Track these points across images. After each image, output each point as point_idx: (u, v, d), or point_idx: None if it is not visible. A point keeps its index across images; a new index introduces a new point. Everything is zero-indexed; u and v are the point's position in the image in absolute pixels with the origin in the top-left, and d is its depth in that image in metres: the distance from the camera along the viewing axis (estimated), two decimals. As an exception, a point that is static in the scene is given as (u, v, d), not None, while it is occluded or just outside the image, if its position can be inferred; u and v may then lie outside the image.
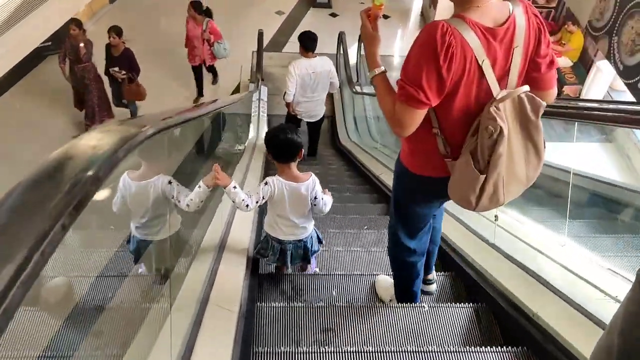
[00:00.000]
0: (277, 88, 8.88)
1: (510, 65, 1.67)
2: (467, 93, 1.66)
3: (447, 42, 1.54)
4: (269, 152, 2.56)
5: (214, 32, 7.32)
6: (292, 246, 2.68)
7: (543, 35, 1.70)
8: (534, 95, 1.68)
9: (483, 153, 1.65)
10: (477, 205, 1.74)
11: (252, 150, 6.46)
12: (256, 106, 8.02)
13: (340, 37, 8.51)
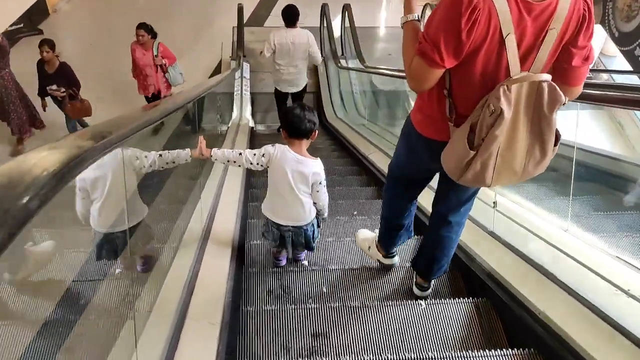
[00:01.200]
0: (259, 64, 8.59)
1: (540, 46, 1.54)
2: (485, 62, 1.55)
3: (474, 4, 1.43)
4: (284, 128, 2.48)
5: (167, 55, 6.19)
6: (291, 233, 2.59)
7: (587, 25, 1.54)
8: (556, 87, 1.53)
9: (481, 129, 1.57)
10: (461, 178, 1.67)
11: (236, 132, 6.25)
12: (238, 84, 7.76)
13: (323, 9, 8.22)
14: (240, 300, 2.36)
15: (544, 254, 2.25)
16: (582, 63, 1.59)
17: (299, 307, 2.26)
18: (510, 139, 1.59)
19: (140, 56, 6.08)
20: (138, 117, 1.67)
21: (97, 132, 1.18)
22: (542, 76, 1.53)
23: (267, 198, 2.64)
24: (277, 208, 2.58)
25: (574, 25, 1.53)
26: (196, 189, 3.00)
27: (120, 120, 1.49)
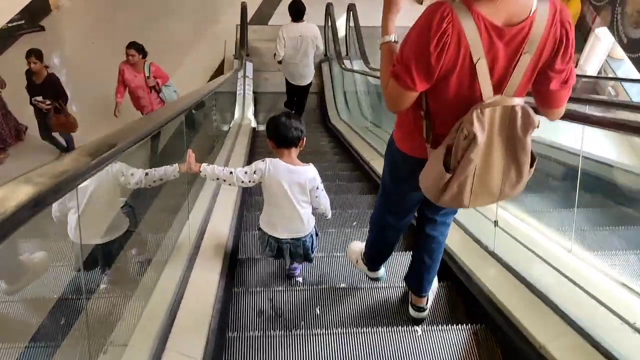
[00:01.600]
0: (263, 63, 8.52)
1: (513, 71, 1.51)
2: (458, 86, 1.54)
3: (443, 29, 1.43)
4: (271, 138, 2.43)
5: (159, 75, 5.74)
6: (289, 245, 2.55)
7: (564, 49, 1.49)
8: (530, 111, 1.54)
9: (457, 152, 1.56)
10: (439, 200, 1.67)
11: (237, 133, 6.16)
12: (241, 84, 7.67)
13: (328, 8, 8.10)
14: (226, 328, 2.27)
15: (546, 279, 2.16)
16: (561, 87, 1.57)
17: (289, 334, 2.17)
18: (486, 162, 1.59)
19: (132, 78, 5.68)
20: (121, 137, 1.58)
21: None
22: (515, 100, 1.53)
23: (264, 212, 2.58)
24: (276, 222, 2.53)
25: (550, 49, 1.49)
26: (185, 202, 2.90)
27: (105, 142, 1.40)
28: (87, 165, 1.21)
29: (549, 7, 1.45)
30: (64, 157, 1.22)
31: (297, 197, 2.42)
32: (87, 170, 1.22)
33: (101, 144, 1.44)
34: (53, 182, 1.00)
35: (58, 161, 1.16)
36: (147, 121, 2.32)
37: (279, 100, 8.15)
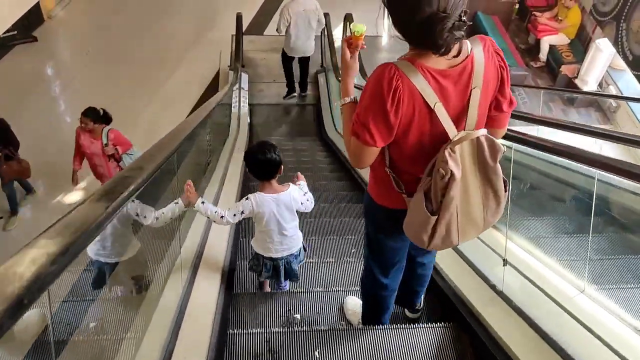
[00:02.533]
0: (258, 74, 8.40)
1: (468, 106, 1.61)
2: (419, 134, 1.63)
3: (394, 86, 1.52)
4: (250, 170, 2.63)
5: (119, 142, 5.01)
6: (284, 261, 2.72)
7: (506, 74, 1.66)
8: (493, 139, 1.63)
9: (436, 194, 1.62)
10: (430, 245, 1.71)
11: (232, 149, 6.03)
12: (236, 95, 7.53)
13: (324, 18, 7.96)
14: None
15: (558, 325, 2.03)
16: (508, 108, 1.73)
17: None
18: (465, 196, 1.66)
19: (88, 144, 5.01)
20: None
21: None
22: (478, 132, 1.62)
23: (257, 238, 2.73)
24: (269, 244, 2.67)
25: (494, 77, 1.63)
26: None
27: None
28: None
29: (481, 43, 1.61)
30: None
31: (285, 218, 2.61)
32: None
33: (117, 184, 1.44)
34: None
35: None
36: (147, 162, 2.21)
37: (275, 112, 8.05)
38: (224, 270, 2.86)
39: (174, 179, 2.68)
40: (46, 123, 7.21)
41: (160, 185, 2.64)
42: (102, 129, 4.92)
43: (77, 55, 8.36)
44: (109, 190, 1.39)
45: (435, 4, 1.43)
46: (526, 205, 3.19)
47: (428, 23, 1.45)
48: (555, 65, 8.38)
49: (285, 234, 2.65)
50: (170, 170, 2.59)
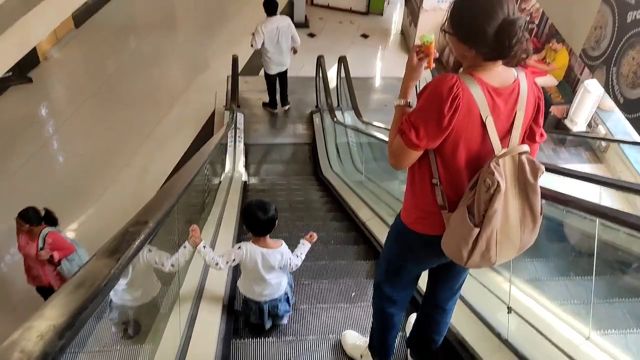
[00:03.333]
0: (253, 114, 8.46)
1: (512, 125, 1.72)
2: (469, 146, 1.71)
3: (455, 93, 1.60)
4: (246, 226, 2.74)
5: (58, 247, 4.34)
6: (268, 305, 2.88)
7: (541, 105, 1.77)
8: (534, 158, 1.72)
9: (479, 207, 1.66)
10: (469, 261, 1.73)
11: (228, 189, 6.01)
12: (232, 135, 7.57)
13: (319, 60, 8.11)
14: None
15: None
16: (540, 139, 1.83)
17: None
18: (505, 214, 1.69)
19: (23, 244, 4.44)
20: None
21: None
22: (522, 148, 1.70)
23: (242, 281, 2.93)
24: (253, 288, 2.85)
25: (532, 106, 1.75)
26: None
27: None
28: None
29: (525, 73, 1.74)
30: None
31: (268, 272, 2.77)
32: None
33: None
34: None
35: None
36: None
37: (270, 152, 8.08)
38: (222, 314, 2.84)
39: (173, 222, 2.71)
40: (38, 165, 7.18)
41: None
42: (40, 231, 4.32)
43: (71, 97, 8.39)
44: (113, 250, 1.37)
45: (505, 9, 1.57)
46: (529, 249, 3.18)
47: (503, 26, 1.56)
48: (545, 105, 8.51)
49: (267, 282, 2.80)
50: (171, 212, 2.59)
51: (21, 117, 7.81)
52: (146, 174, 7.18)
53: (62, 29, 9.10)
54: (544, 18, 9.34)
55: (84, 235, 6.17)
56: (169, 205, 2.09)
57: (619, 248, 3.03)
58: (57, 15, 5.65)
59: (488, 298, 2.55)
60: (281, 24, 7.06)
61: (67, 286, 1.14)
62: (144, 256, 2.61)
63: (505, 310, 2.37)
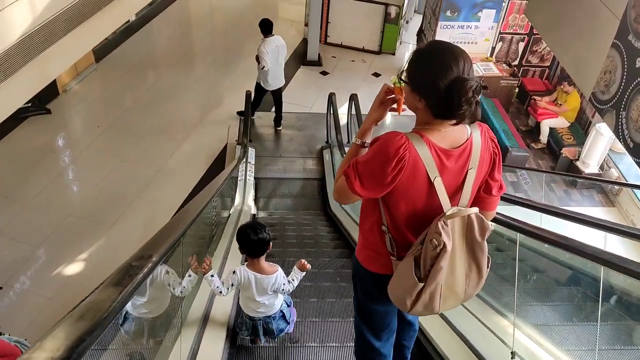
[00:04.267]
0: (265, 149, 8.56)
1: (463, 184, 1.77)
2: (416, 203, 1.77)
3: (401, 155, 1.66)
4: (241, 248, 2.90)
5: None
6: (261, 322, 3.05)
7: (498, 160, 1.83)
8: (483, 218, 1.77)
9: (425, 262, 1.72)
10: (412, 310, 1.80)
11: (236, 223, 6.04)
12: (243, 169, 7.65)
13: (330, 98, 8.24)
14: None
15: None
16: (498, 192, 1.89)
17: None
18: (451, 267, 1.76)
19: None
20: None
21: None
22: (470, 210, 1.76)
23: (240, 296, 3.12)
24: (249, 305, 3.03)
25: (487, 162, 1.80)
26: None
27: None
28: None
29: (479, 129, 1.77)
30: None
31: (261, 295, 2.94)
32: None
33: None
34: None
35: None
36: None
37: (280, 186, 8.14)
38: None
39: (179, 250, 2.88)
40: (53, 194, 7.29)
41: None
42: None
43: (88, 129, 8.56)
44: (116, 283, 1.40)
45: (461, 66, 1.61)
46: (533, 292, 3.16)
47: (454, 84, 1.59)
48: (556, 147, 8.53)
49: (260, 302, 2.98)
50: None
51: (38, 147, 7.96)
52: (157, 205, 7.25)
53: (83, 63, 9.35)
54: (555, 60, 9.45)
55: (94, 264, 6.22)
56: (172, 241, 2.12)
57: (627, 293, 3.00)
58: (78, 50, 5.82)
59: (491, 341, 2.52)
60: (278, 42, 7.70)
61: (70, 316, 1.17)
62: (161, 276, 2.77)
63: (509, 355, 2.35)
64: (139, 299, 2.83)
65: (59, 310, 5.20)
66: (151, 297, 2.85)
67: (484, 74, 9.17)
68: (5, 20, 3.87)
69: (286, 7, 12.84)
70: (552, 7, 5.78)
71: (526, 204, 3.24)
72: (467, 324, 2.79)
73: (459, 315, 2.89)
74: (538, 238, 2.30)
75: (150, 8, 11.31)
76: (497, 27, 9.38)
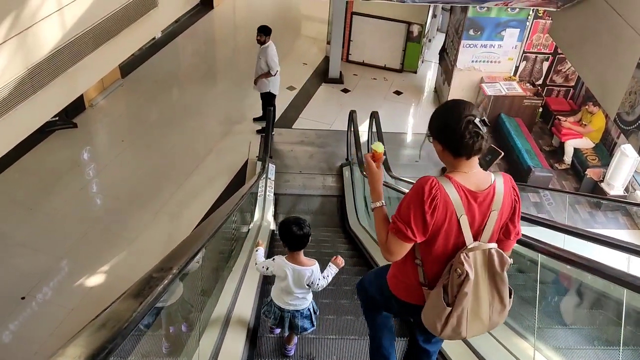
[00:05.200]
0: (285, 165, 8.62)
1: (486, 224, 2.01)
2: (446, 237, 2.01)
3: (433, 194, 1.92)
4: (282, 240, 3.08)
5: None
6: (289, 315, 3.21)
7: (518, 207, 2.07)
8: (502, 252, 2.03)
9: (452, 289, 1.99)
10: (442, 333, 2.04)
11: (255, 238, 6.05)
12: (262, 185, 7.69)
13: (351, 115, 8.27)
14: None
15: None
16: (515, 237, 2.14)
17: None
18: (475, 295, 2.01)
19: None
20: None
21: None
22: (490, 245, 2.02)
23: (275, 286, 3.27)
24: (282, 296, 3.19)
25: (509, 207, 2.05)
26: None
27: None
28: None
29: (504, 178, 2.04)
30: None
31: (296, 285, 3.09)
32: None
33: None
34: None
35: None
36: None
37: (300, 203, 8.17)
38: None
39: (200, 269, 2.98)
40: (77, 206, 7.42)
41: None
42: None
43: (113, 143, 8.72)
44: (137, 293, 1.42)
45: (462, 110, 1.93)
46: (554, 314, 3.11)
47: (457, 122, 1.91)
48: (580, 168, 8.42)
49: (294, 295, 3.13)
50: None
51: (64, 160, 8.12)
52: (178, 219, 7.32)
53: (109, 78, 9.56)
54: (580, 80, 9.36)
55: (115, 276, 6.29)
56: (192, 254, 2.15)
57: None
58: (106, 65, 5.97)
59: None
60: (274, 46, 7.99)
61: (91, 325, 1.19)
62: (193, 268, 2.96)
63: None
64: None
65: (80, 322, 5.25)
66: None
67: (507, 93, 9.14)
68: (36, 35, 4.00)
69: (308, 25, 13.00)
70: (577, 26, 5.75)
71: (548, 224, 3.19)
72: (487, 346, 2.75)
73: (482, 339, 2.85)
74: (559, 259, 2.27)
75: (175, 25, 11.56)
76: (521, 46, 9.35)
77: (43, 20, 4.09)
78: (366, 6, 10.33)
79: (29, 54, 4.06)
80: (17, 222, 6.91)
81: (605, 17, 4.96)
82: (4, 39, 3.73)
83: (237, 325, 3.58)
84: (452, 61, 9.65)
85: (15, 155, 7.61)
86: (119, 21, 5.13)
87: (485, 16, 8.95)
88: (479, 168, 2.03)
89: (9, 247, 6.60)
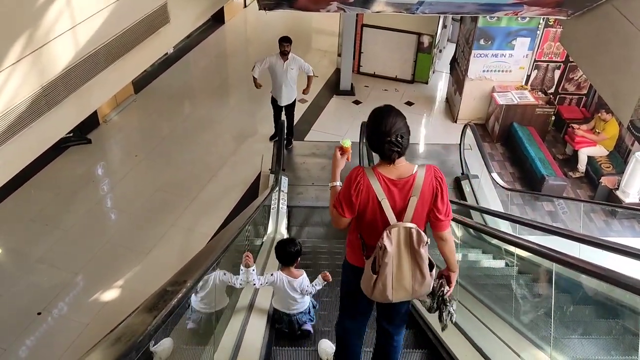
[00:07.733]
0: (297, 178, 8.62)
1: (407, 207, 2.44)
2: (373, 216, 2.48)
3: (357, 181, 2.43)
4: (277, 257, 3.89)
5: None
6: (295, 318, 3.95)
7: (440, 194, 2.47)
8: (420, 231, 2.41)
9: (378, 260, 2.41)
10: (372, 295, 2.49)
11: (268, 252, 6.05)
12: (275, 198, 7.70)
13: (363, 127, 8.27)
14: None
15: None
16: (445, 217, 2.51)
17: None
18: (399, 266, 2.41)
19: None
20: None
21: None
22: (409, 224, 2.41)
23: (275, 297, 4.05)
24: (282, 303, 3.94)
25: (430, 194, 2.47)
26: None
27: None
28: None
29: (426, 170, 2.46)
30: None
31: (292, 295, 3.86)
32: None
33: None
34: None
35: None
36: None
37: (313, 215, 8.16)
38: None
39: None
40: (92, 221, 7.49)
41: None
42: None
43: (125, 158, 8.81)
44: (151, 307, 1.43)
45: (383, 127, 2.37)
46: (570, 323, 3.06)
47: (379, 137, 2.38)
48: (594, 176, 8.33)
49: (295, 300, 3.87)
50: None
51: (78, 176, 8.21)
52: (192, 233, 7.35)
53: (122, 94, 9.67)
54: (593, 88, 9.30)
55: (130, 290, 6.32)
56: (206, 267, 2.16)
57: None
58: (119, 81, 6.03)
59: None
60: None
61: (106, 339, 1.20)
62: (220, 278, 3.55)
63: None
64: (198, 297, 3.59)
65: (95, 337, 5.27)
66: (210, 295, 3.56)
67: (519, 102, 9.10)
68: (50, 52, 4.06)
69: (319, 38, 13.09)
70: (588, 35, 5.73)
71: (563, 233, 3.16)
72: (503, 356, 2.72)
73: (498, 349, 2.82)
74: (574, 268, 2.25)
75: (187, 40, 11.68)
76: (532, 55, 9.32)
77: (57, 37, 4.14)
78: (376, 18, 10.36)
79: (43, 71, 4.12)
80: (33, 238, 6.99)
81: (617, 25, 4.93)
82: (20, 57, 3.79)
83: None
84: (463, 71, 9.64)
85: (31, 171, 7.72)
86: (131, 38, 5.18)
87: (496, 26, 8.94)
88: (404, 162, 2.45)
89: (25, 263, 6.68)
